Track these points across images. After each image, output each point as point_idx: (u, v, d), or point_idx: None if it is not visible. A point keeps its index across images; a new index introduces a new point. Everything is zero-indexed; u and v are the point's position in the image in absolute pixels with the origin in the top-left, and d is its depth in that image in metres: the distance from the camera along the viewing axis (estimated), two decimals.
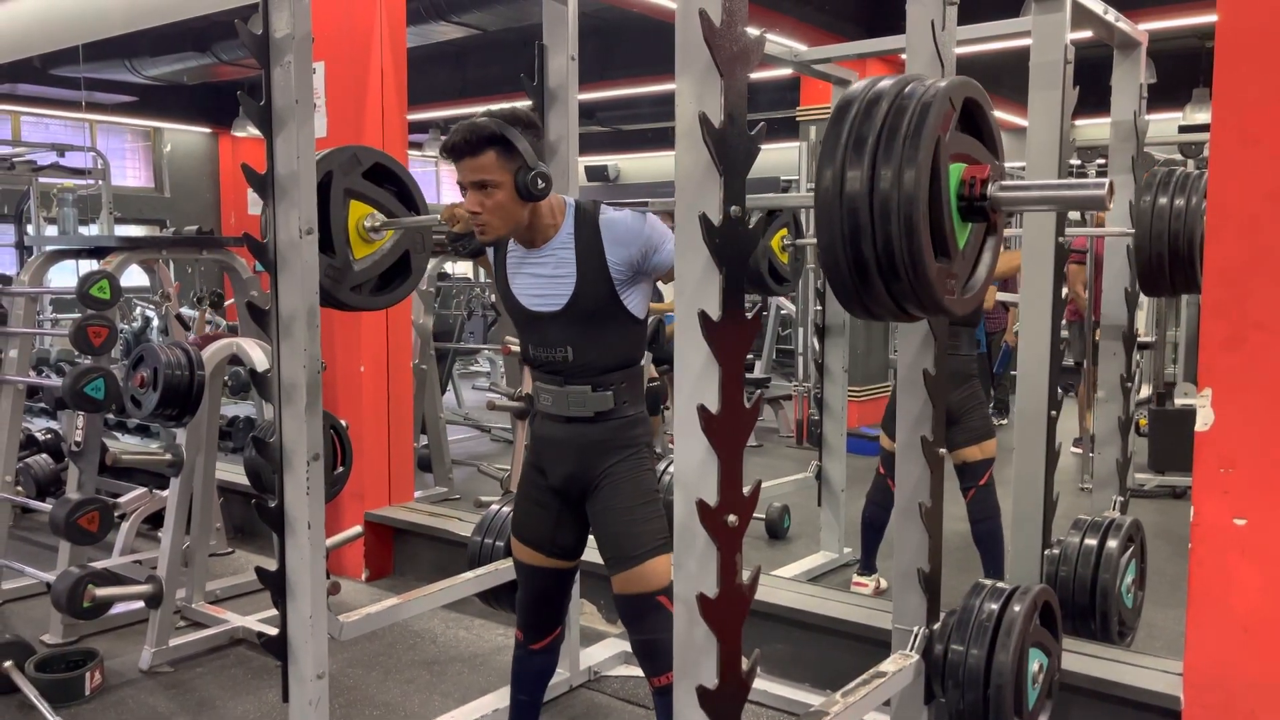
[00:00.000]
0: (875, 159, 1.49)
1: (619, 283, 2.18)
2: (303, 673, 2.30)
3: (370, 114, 4.05)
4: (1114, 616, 2.70)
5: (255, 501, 2.27)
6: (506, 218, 2.13)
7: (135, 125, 12.02)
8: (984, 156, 1.66)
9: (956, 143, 1.57)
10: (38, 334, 4.21)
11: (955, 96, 1.54)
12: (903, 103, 1.53)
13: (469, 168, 2.11)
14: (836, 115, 1.57)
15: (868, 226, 1.49)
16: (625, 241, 2.17)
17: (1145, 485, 5.27)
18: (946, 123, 1.51)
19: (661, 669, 2.13)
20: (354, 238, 2.53)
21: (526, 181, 2.09)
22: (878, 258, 1.50)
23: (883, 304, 1.58)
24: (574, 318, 2.21)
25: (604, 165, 14.28)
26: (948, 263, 1.55)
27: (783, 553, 4.33)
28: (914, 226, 1.46)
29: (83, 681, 2.97)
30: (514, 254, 2.29)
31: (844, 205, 1.50)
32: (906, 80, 1.59)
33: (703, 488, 1.61)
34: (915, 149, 1.47)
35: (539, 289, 2.25)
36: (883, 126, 1.51)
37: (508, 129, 2.08)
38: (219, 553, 4.29)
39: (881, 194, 1.47)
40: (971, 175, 1.58)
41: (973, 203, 1.57)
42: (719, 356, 1.58)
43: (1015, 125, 11.08)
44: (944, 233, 1.53)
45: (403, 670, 3.20)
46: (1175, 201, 2.92)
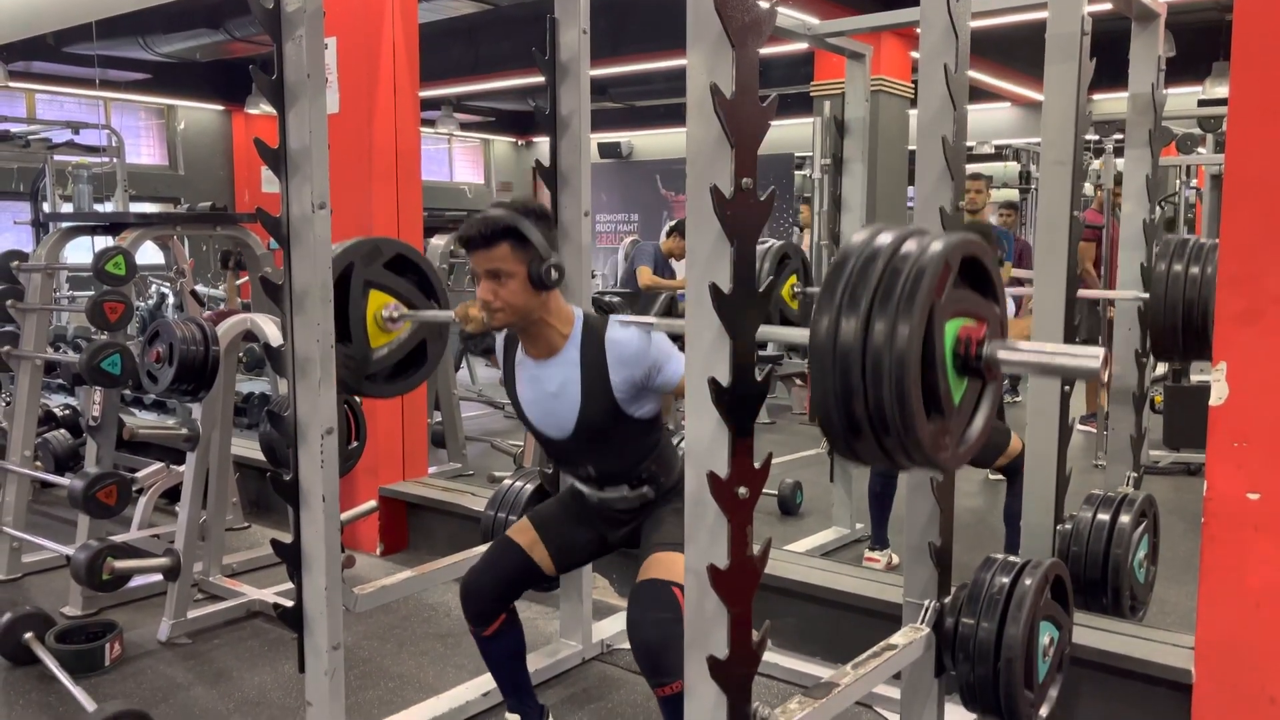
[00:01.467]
0: (869, 320, 1.48)
1: (623, 401, 2.23)
2: (318, 644, 2.32)
3: (383, 90, 4.04)
4: (1126, 591, 2.70)
5: (270, 475, 2.29)
6: (519, 308, 2.19)
7: (149, 103, 12.05)
8: (984, 309, 1.62)
9: (955, 300, 1.55)
10: (54, 310, 4.24)
11: (953, 257, 1.52)
12: (898, 264, 1.50)
13: (484, 258, 2.16)
14: (834, 269, 1.55)
15: (859, 386, 1.48)
16: (629, 363, 2.21)
17: (1160, 462, 5.25)
18: (942, 285, 1.49)
19: (667, 676, 2.05)
20: (372, 327, 2.59)
21: (540, 272, 2.15)
22: (870, 417, 1.50)
23: (875, 456, 1.57)
24: (585, 439, 2.28)
25: (617, 142, 14.24)
26: (941, 420, 1.54)
27: (794, 528, 4.34)
28: (906, 390, 1.45)
29: (102, 652, 3.01)
30: (521, 364, 2.35)
31: (836, 362, 1.49)
32: (905, 235, 1.56)
33: (714, 460, 1.62)
34: (909, 313, 1.45)
35: (545, 408, 2.31)
36: (877, 287, 1.49)
37: (521, 221, 2.14)
38: (235, 527, 4.33)
39: (874, 354, 1.46)
40: (967, 335, 1.56)
41: (968, 362, 1.56)
42: (730, 329, 1.58)
43: (1031, 100, 10.99)
44: (938, 390, 1.52)
45: (417, 643, 3.24)
46: (1190, 270, 2.93)
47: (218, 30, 8.20)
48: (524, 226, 2.13)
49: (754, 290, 1.59)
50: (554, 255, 2.18)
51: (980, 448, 1.66)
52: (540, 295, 2.19)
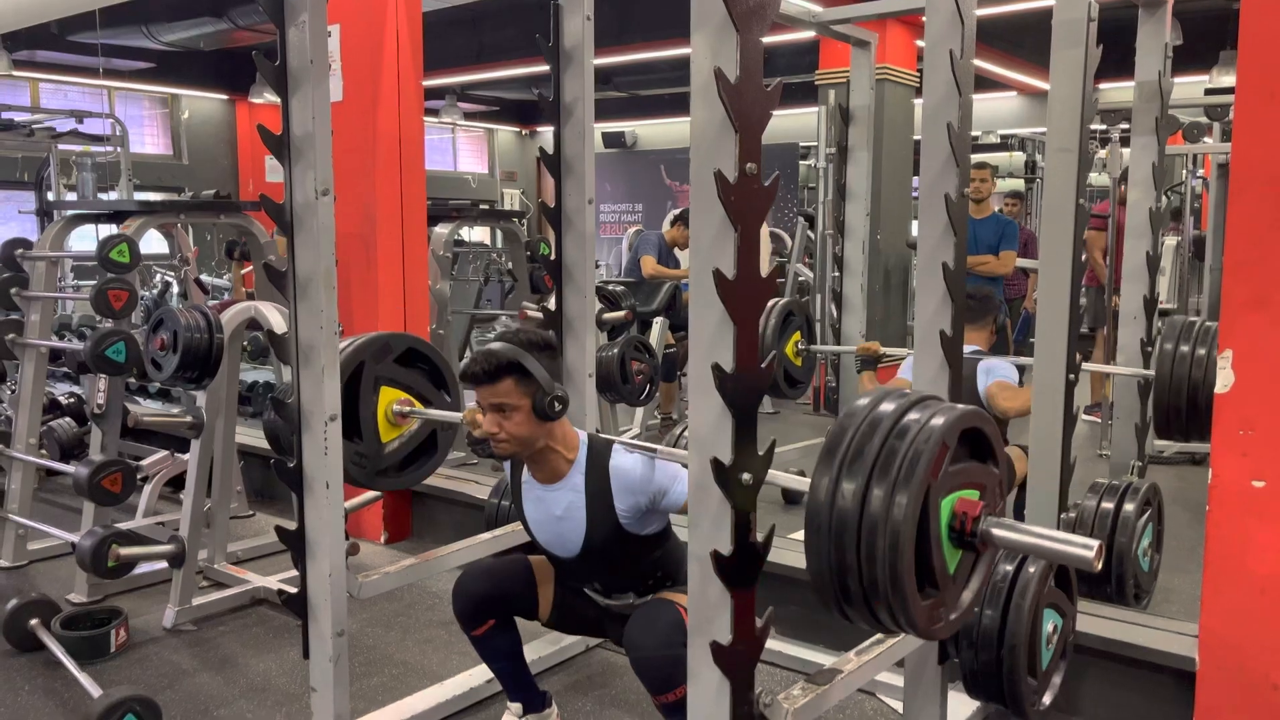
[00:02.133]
0: (865, 497, 1.49)
1: (628, 525, 2.25)
2: (323, 630, 2.33)
3: (386, 78, 4.04)
4: (1130, 579, 2.70)
5: (274, 462, 2.30)
6: (523, 438, 2.21)
7: (153, 92, 12.04)
8: (983, 476, 1.63)
9: (951, 476, 1.55)
10: (59, 298, 4.24)
11: (950, 436, 1.52)
12: (895, 443, 1.50)
13: (488, 393, 2.19)
14: (833, 437, 1.57)
15: (854, 564, 1.50)
16: (634, 491, 2.23)
17: (1164, 452, 5.24)
18: (938, 466, 1.50)
19: (669, 685, 2.07)
20: (383, 423, 2.62)
21: (544, 405, 2.17)
22: (864, 592, 1.51)
23: (869, 624, 1.59)
24: (591, 560, 2.30)
25: (621, 131, 14.21)
26: (935, 593, 1.55)
27: (798, 518, 4.31)
28: (899, 575, 1.46)
29: (108, 639, 3.02)
30: (528, 483, 2.37)
31: (832, 536, 1.51)
32: (906, 407, 1.56)
33: (717, 446, 1.62)
34: (904, 494, 1.46)
35: (551, 530, 2.33)
36: (874, 464, 1.50)
37: (524, 356, 2.16)
38: (240, 515, 4.35)
39: (869, 533, 1.47)
40: (964, 511, 1.56)
41: (963, 536, 1.57)
42: (734, 315, 1.58)
43: (1037, 89, 10.94)
44: (932, 565, 1.53)
45: (421, 630, 3.24)
46: (1197, 351, 2.96)
47: (221, 19, 8.17)
48: (527, 362, 2.16)
49: (758, 275, 1.59)
50: (558, 388, 2.20)
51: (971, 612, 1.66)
52: (545, 425, 2.22)
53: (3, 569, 3.80)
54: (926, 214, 2.17)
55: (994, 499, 1.64)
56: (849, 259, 4.33)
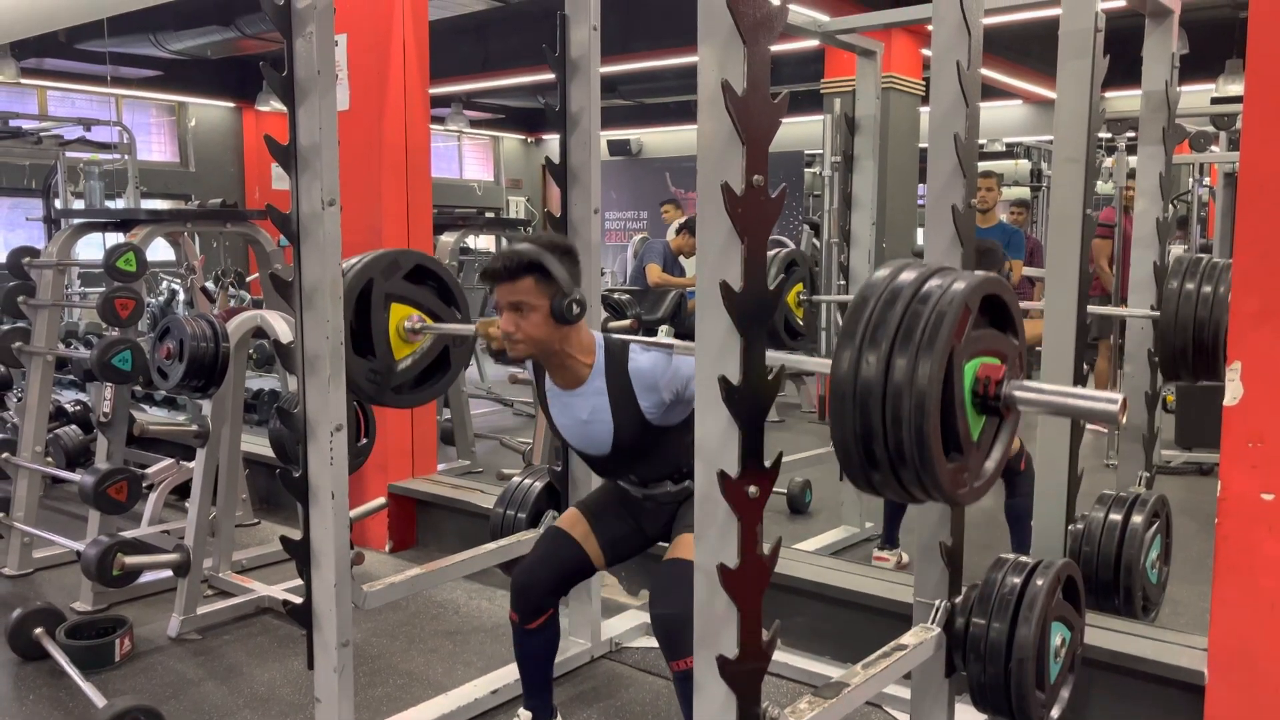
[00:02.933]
0: (889, 364, 1.49)
1: (655, 419, 2.28)
2: (327, 640, 2.33)
3: (393, 87, 4.04)
4: (1138, 592, 2.69)
5: (280, 471, 2.29)
6: (540, 340, 2.22)
7: (160, 100, 12.08)
8: (1003, 345, 1.63)
9: (974, 341, 1.56)
10: (66, 306, 4.25)
11: (972, 299, 1.53)
12: (918, 307, 1.51)
13: (507, 291, 2.19)
14: (855, 308, 1.56)
15: (879, 429, 1.50)
16: (656, 388, 2.26)
17: (1172, 462, 5.22)
18: (961, 329, 1.50)
19: (684, 651, 2.09)
20: (395, 340, 2.61)
21: (562, 307, 2.18)
22: (889, 457, 1.51)
23: (894, 492, 1.59)
24: (624, 454, 2.33)
25: (626, 139, 14.23)
26: (960, 458, 1.55)
27: (804, 527, 4.33)
28: (925, 436, 1.47)
29: (113, 648, 3.02)
30: (551, 390, 2.38)
31: (857, 404, 1.51)
32: (926, 275, 1.57)
33: (724, 459, 1.61)
34: (929, 359, 1.46)
35: (580, 432, 2.36)
36: (897, 330, 1.50)
37: (545, 256, 2.17)
38: (245, 523, 4.34)
39: (894, 398, 1.48)
40: (986, 375, 1.57)
41: (987, 401, 1.57)
42: (741, 327, 1.57)
43: (1043, 97, 10.93)
44: (957, 430, 1.53)
45: (426, 640, 3.24)
46: (1202, 288, 2.92)
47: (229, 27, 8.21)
48: (548, 262, 2.17)
49: (765, 288, 1.58)
50: (577, 291, 2.21)
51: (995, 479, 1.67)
52: (561, 329, 2.22)
53: (8, 577, 3.79)
54: (933, 224, 2.17)
55: (1015, 365, 1.64)
56: (855, 268, 4.32)
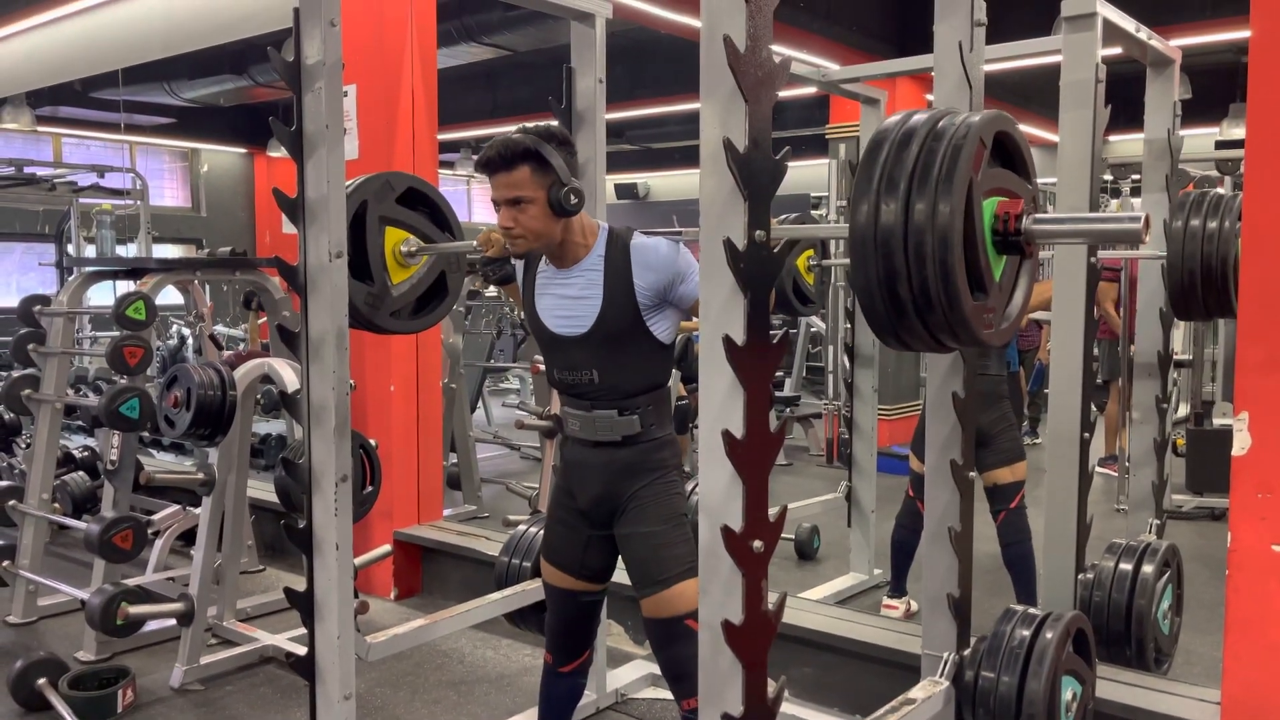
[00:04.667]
0: (909, 202, 1.49)
1: (645, 308, 2.19)
2: (330, 693, 2.30)
3: (401, 136, 4.09)
4: (1150, 643, 2.65)
5: (284, 522, 2.29)
6: (539, 233, 2.15)
7: (173, 146, 12.24)
8: (1017, 186, 1.65)
9: (989, 178, 1.57)
10: (75, 354, 4.27)
11: (986, 134, 1.54)
12: (933, 144, 1.52)
13: (503, 183, 2.13)
14: (868, 155, 1.57)
15: (903, 268, 1.49)
16: (654, 267, 2.17)
17: (1183, 507, 5.18)
18: (978, 162, 1.51)
19: (691, 691, 2.08)
20: (390, 263, 2.58)
21: (560, 197, 2.11)
22: (914, 298, 1.51)
23: (920, 339, 1.58)
24: (599, 341, 2.21)
25: (633, 183, 14.34)
26: (984, 298, 1.55)
27: (812, 574, 4.29)
28: (950, 269, 1.46)
29: (115, 699, 3.00)
30: (543, 274, 2.30)
31: (879, 247, 1.50)
32: (938, 116, 1.59)
33: (728, 513, 1.60)
34: (948, 193, 1.47)
35: (564, 310, 2.26)
36: (914, 169, 1.51)
37: (542, 145, 2.11)
38: (250, 570, 4.33)
39: (916, 235, 1.48)
40: (1005, 211, 1.58)
41: (1007, 237, 1.58)
42: (744, 381, 1.57)
43: (1047, 141, 11.00)
44: (979, 268, 1.53)
45: (430, 690, 3.21)
46: (1208, 224, 2.89)
47: (241, 76, 8.34)
48: (545, 150, 2.10)
49: (769, 342, 1.59)
50: (574, 180, 2.14)
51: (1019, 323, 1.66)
52: (561, 220, 2.16)
53: (13, 625, 3.78)
54: None
55: (1031, 205, 1.64)
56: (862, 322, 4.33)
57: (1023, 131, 1.71)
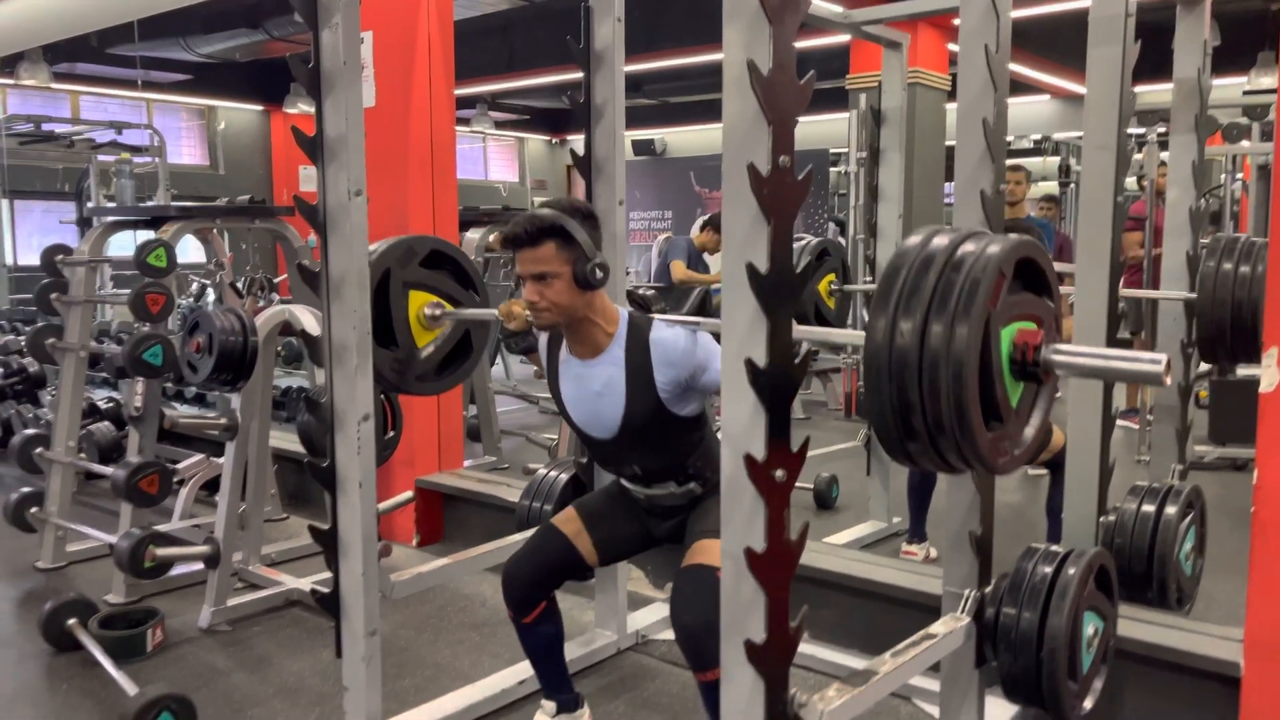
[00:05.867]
0: (925, 332, 1.48)
1: (668, 400, 2.23)
2: (355, 629, 2.34)
3: (418, 84, 4.06)
4: (1172, 584, 2.64)
5: (308, 461, 2.31)
6: (564, 308, 2.19)
7: (190, 103, 12.23)
8: (1039, 308, 1.62)
9: (1009, 306, 1.54)
10: (98, 302, 4.30)
11: (1006, 265, 1.52)
12: (951, 275, 1.50)
13: (529, 258, 2.16)
14: (887, 278, 1.55)
15: (917, 401, 1.48)
16: (675, 363, 2.20)
17: (1205, 457, 5.15)
18: (997, 294, 1.49)
19: (710, 661, 1.97)
20: (415, 327, 2.61)
21: (585, 272, 2.14)
22: (928, 429, 1.49)
23: (932, 463, 1.57)
24: (629, 440, 2.28)
25: (650, 139, 14.22)
26: (1000, 426, 1.54)
27: (830, 522, 4.31)
28: (965, 405, 1.45)
29: (144, 638, 3.05)
30: (565, 362, 2.34)
31: (893, 376, 1.50)
32: (959, 241, 1.55)
33: (751, 442, 1.60)
34: (965, 327, 1.45)
35: (589, 407, 2.31)
36: (932, 299, 1.49)
37: (566, 220, 2.13)
38: (274, 519, 4.38)
39: (931, 369, 1.46)
40: (1024, 340, 1.56)
41: (1025, 366, 1.56)
42: (767, 310, 1.56)
43: (1071, 92, 10.83)
44: (995, 397, 1.51)
45: (453, 632, 3.25)
46: (1240, 268, 2.87)
47: (256, 30, 8.30)
48: (570, 225, 2.13)
49: (791, 270, 1.57)
50: (599, 255, 2.17)
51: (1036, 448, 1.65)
52: (585, 295, 2.19)
53: (42, 570, 3.85)
54: (961, 211, 2.15)
55: (1052, 329, 1.62)
56: (881, 262, 4.29)
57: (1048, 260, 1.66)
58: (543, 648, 2.45)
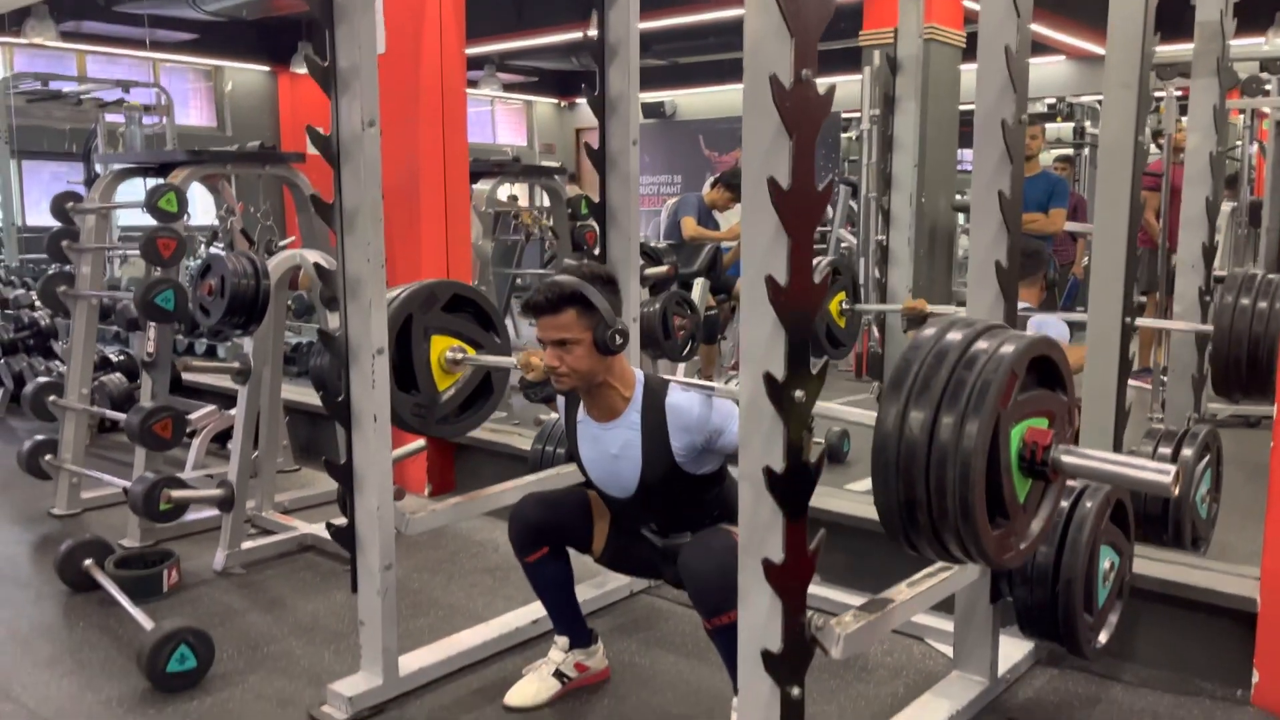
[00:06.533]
0: (934, 429, 1.47)
1: (684, 464, 2.23)
2: (370, 564, 2.35)
3: (428, 31, 4.01)
4: (1187, 525, 2.65)
5: (322, 395, 2.31)
6: (584, 373, 2.20)
7: (197, 64, 12.15)
8: (1051, 404, 1.61)
9: (1021, 405, 1.54)
10: (109, 249, 4.30)
11: (1019, 364, 1.51)
12: (964, 373, 1.50)
13: (549, 325, 2.17)
14: (899, 370, 1.54)
15: (923, 497, 1.49)
16: (690, 429, 2.21)
17: (1218, 415, 5.12)
18: (1008, 395, 1.49)
19: (718, 606, 1.99)
20: (437, 371, 2.64)
21: (605, 338, 2.16)
22: (933, 524, 1.50)
23: (937, 553, 1.58)
24: (646, 499, 2.29)
25: (660, 101, 14.10)
26: (1006, 523, 1.53)
27: (842, 475, 4.29)
28: (970, 505, 1.45)
29: (160, 578, 3.06)
30: (583, 422, 2.35)
31: (900, 471, 1.50)
32: (973, 337, 1.54)
33: (770, 361, 1.59)
34: (974, 426, 1.45)
35: (607, 469, 2.32)
36: (942, 396, 1.49)
37: (586, 288, 2.14)
38: (286, 470, 4.39)
39: (938, 467, 1.47)
40: (1034, 440, 1.55)
41: (1034, 465, 1.56)
42: (788, 226, 1.55)
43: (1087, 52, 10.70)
44: (1002, 494, 1.51)
45: (466, 575, 3.26)
46: (1258, 304, 2.87)
47: None
48: (589, 293, 2.14)
49: (813, 187, 1.56)
50: (619, 321, 2.18)
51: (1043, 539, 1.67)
52: (605, 360, 2.20)
53: (57, 516, 3.87)
54: (982, 142, 2.13)
55: (1063, 427, 1.62)
56: (895, 213, 4.27)
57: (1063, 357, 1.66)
58: (548, 586, 2.46)
